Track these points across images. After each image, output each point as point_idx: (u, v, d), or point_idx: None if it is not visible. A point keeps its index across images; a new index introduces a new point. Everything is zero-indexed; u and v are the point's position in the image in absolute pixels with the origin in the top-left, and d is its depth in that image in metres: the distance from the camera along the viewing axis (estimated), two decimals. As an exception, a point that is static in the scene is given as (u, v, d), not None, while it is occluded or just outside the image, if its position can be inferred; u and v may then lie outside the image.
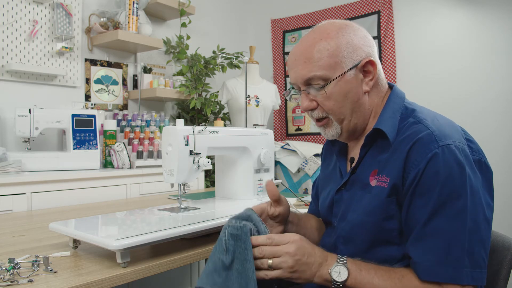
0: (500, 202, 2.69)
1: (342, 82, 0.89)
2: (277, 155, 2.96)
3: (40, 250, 0.95)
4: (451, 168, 0.77)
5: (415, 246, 0.79)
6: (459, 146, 0.80)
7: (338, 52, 0.88)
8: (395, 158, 0.84)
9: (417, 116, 0.88)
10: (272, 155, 1.45)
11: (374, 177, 0.89)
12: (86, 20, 2.52)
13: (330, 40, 0.89)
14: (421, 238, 0.78)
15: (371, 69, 0.91)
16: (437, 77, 2.91)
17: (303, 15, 3.53)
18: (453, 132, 0.83)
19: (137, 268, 0.84)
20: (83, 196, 1.87)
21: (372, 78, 0.91)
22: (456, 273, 0.74)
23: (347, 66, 0.89)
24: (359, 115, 0.93)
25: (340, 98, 0.90)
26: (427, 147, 0.80)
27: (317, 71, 0.88)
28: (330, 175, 1.08)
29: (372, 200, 0.87)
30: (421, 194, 0.79)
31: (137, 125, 2.45)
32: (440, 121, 0.86)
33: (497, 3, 2.68)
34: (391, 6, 3.07)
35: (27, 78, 2.23)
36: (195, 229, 0.96)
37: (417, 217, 0.79)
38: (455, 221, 0.76)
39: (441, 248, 0.76)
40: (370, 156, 0.92)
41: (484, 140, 2.74)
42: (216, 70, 2.97)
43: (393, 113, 0.91)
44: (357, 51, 0.90)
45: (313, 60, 0.89)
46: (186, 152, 1.12)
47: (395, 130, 0.88)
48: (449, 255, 0.75)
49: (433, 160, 0.78)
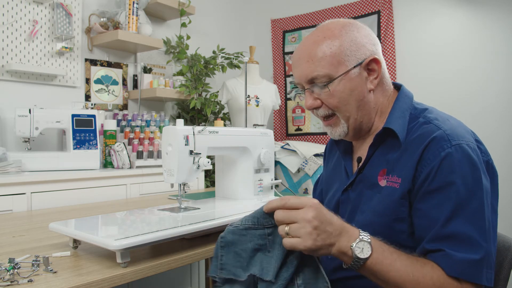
0: (500, 202, 2.68)
1: (345, 80, 0.89)
2: (277, 155, 2.96)
3: (40, 250, 0.95)
4: (466, 167, 0.77)
5: (438, 243, 0.77)
6: (472, 146, 0.80)
7: (341, 50, 0.88)
8: (407, 158, 0.84)
9: (427, 116, 0.88)
10: (272, 155, 1.44)
11: (383, 177, 0.88)
12: (86, 20, 2.52)
13: (333, 38, 0.89)
14: (443, 237, 0.76)
15: (376, 67, 0.91)
16: (437, 77, 2.91)
17: (303, 15, 3.52)
18: (465, 133, 0.83)
19: (137, 268, 0.84)
20: (83, 196, 1.87)
21: (376, 76, 0.92)
22: (477, 273, 0.74)
23: (350, 64, 0.89)
24: (364, 113, 0.93)
25: (345, 96, 0.90)
26: (440, 146, 0.79)
27: (320, 70, 0.89)
28: (334, 175, 1.07)
29: (383, 200, 0.87)
30: (437, 193, 0.79)
31: (137, 125, 2.45)
32: (451, 121, 0.86)
33: (498, 3, 2.68)
34: (391, 6, 3.07)
35: (27, 78, 2.23)
36: (195, 229, 0.96)
37: (434, 216, 0.78)
38: (475, 220, 0.75)
39: (464, 248, 0.74)
40: (378, 155, 0.91)
41: (484, 140, 2.72)
42: (216, 70, 2.97)
43: (402, 112, 0.91)
44: (361, 49, 0.90)
45: (316, 59, 0.89)
46: (186, 152, 1.12)
47: (405, 130, 0.88)
48: (473, 254, 0.74)
49: (447, 159, 0.78)
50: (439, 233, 0.77)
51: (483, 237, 0.75)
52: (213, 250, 0.81)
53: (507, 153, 2.64)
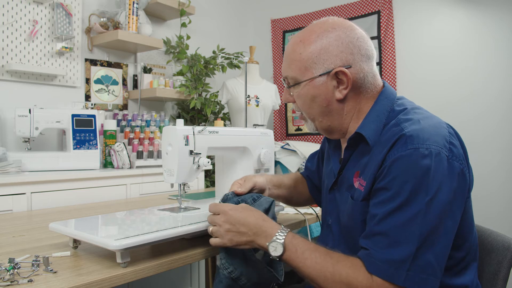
0: (500, 202, 2.69)
1: (310, 86, 0.91)
2: (277, 155, 2.96)
3: (40, 250, 0.95)
4: (414, 171, 0.76)
5: (367, 240, 0.80)
6: (433, 150, 0.77)
7: (309, 57, 0.90)
8: (373, 162, 0.85)
9: (400, 118, 0.86)
10: (272, 155, 1.44)
11: (357, 179, 0.90)
12: (86, 20, 2.52)
13: (307, 44, 0.91)
14: (372, 235, 0.79)
15: (344, 78, 0.89)
16: (437, 77, 2.91)
17: (303, 15, 3.53)
18: (433, 136, 0.80)
19: (137, 268, 0.84)
20: (83, 196, 1.87)
21: (346, 87, 0.90)
22: (394, 272, 0.75)
23: (317, 72, 0.90)
24: (331, 119, 0.94)
25: (308, 101, 0.93)
26: (396, 149, 0.80)
27: (290, 72, 0.94)
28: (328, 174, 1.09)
29: (353, 203, 0.90)
30: (381, 192, 0.80)
31: (137, 125, 2.45)
32: (424, 123, 0.83)
33: (498, 3, 2.68)
34: (391, 6, 3.07)
35: (27, 78, 2.23)
36: (195, 229, 0.96)
37: (373, 213, 0.81)
38: (408, 224, 0.76)
39: (386, 247, 0.76)
40: (353, 158, 0.94)
41: (484, 140, 2.74)
42: (216, 70, 2.97)
43: (377, 116, 0.90)
44: (331, 58, 0.89)
45: (289, 60, 0.94)
46: (186, 152, 1.12)
47: (378, 134, 0.88)
48: (393, 254, 0.75)
49: (398, 162, 0.78)
50: (370, 231, 0.80)
51: (412, 240, 0.75)
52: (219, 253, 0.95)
53: (508, 154, 2.64)
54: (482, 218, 2.09)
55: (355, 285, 0.77)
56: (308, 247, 0.84)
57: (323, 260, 0.81)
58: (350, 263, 0.80)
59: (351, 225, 0.90)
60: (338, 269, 0.79)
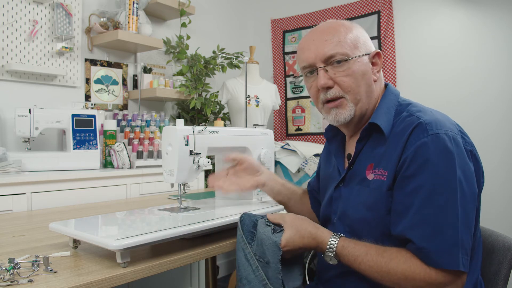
0: (500, 202, 2.69)
1: (360, 62, 0.94)
2: (277, 155, 2.96)
3: (40, 250, 0.95)
4: (441, 156, 0.79)
5: (412, 230, 0.80)
6: (450, 135, 0.82)
7: (357, 37, 0.95)
8: (391, 151, 0.87)
9: (410, 110, 0.91)
10: (272, 155, 1.45)
11: (370, 171, 0.91)
12: (86, 20, 2.52)
13: (348, 27, 0.96)
14: (416, 224, 0.80)
15: (379, 61, 0.97)
16: (437, 77, 2.91)
17: (303, 15, 3.53)
18: (446, 122, 0.86)
19: (137, 268, 0.84)
20: (83, 196, 1.87)
21: (378, 70, 0.98)
22: (453, 259, 0.76)
23: (363, 51, 0.95)
24: (369, 101, 0.97)
25: (358, 77, 0.94)
26: (417, 135, 0.83)
27: (339, 49, 0.93)
28: (330, 176, 1.09)
29: (371, 194, 0.89)
30: (411, 180, 0.81)
31: (137, 125, 2.45)
32: (434, 113, 0.89)
33: (498, 3, 2.68)
34: (391, 6, 3.07)
35: (27, 78, 2.23)
36: (195, 229, 0.96)
37: (406, 203, 0.82)
38: (446, 209, 0.78)
39: (435, 237, 0.78)
40: (366, 150, 0.95)
41: (484, 140, 2.74)
42: (216, 70, 2.97)
43: (387, 108, 0.95)
44: (368, 42, 0.97)
45: (336, 39, 0.94)
46: (186, 152, 1.12)
47: (390, 125, 0.91)
48: (445, 243, 0.77)
49: (422, 148, 0.81)
50: (412, 221, 0.80)
51: (454, 225, 0.77)
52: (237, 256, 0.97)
53: (508, 154, 2.64)
54: (482, 218, 2.08)
55: (413, 277, 0.79)
56: (359, 252, 0.86)
57: (375, 263, 0.83)
58: (403, 258, 0.81)
59: (370, 216, 0.90)
60: (393, 268, 0.81)
